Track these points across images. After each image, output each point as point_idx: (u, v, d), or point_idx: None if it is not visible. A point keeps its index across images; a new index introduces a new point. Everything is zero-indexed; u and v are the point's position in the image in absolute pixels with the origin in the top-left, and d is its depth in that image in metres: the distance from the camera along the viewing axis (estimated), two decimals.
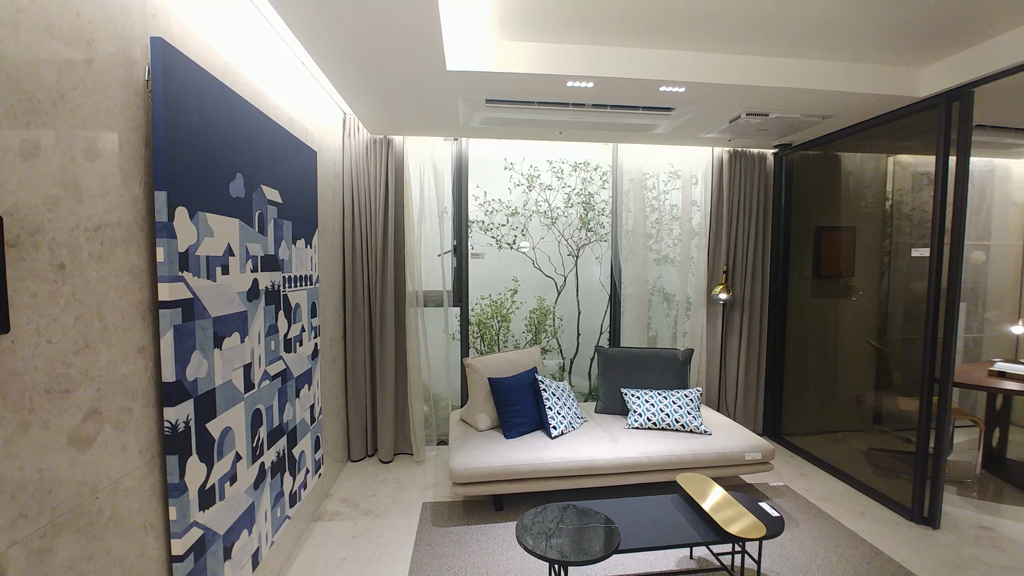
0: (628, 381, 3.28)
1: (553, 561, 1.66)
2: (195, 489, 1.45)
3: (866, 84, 2.56)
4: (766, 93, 2.57)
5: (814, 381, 3.87)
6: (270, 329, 2.01)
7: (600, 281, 4.20)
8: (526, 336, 4.20)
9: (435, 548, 2.34)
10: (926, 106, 2.64)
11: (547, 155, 3.92)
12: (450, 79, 2.34)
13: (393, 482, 3.06)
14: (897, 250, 3.90)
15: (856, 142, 3.38)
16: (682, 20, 2.11)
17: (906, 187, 3.91)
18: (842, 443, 3.65)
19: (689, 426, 2.91)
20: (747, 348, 3.80)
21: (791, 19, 2.09)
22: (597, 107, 2.77)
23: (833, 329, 3.86)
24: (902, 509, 2.68)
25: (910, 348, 3.72)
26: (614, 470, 2.64)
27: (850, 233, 3.81)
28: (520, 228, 3.98)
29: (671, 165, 3.91)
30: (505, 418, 2.87)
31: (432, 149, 3.50)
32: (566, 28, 2.18)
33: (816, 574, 2.14)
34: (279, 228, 2.11)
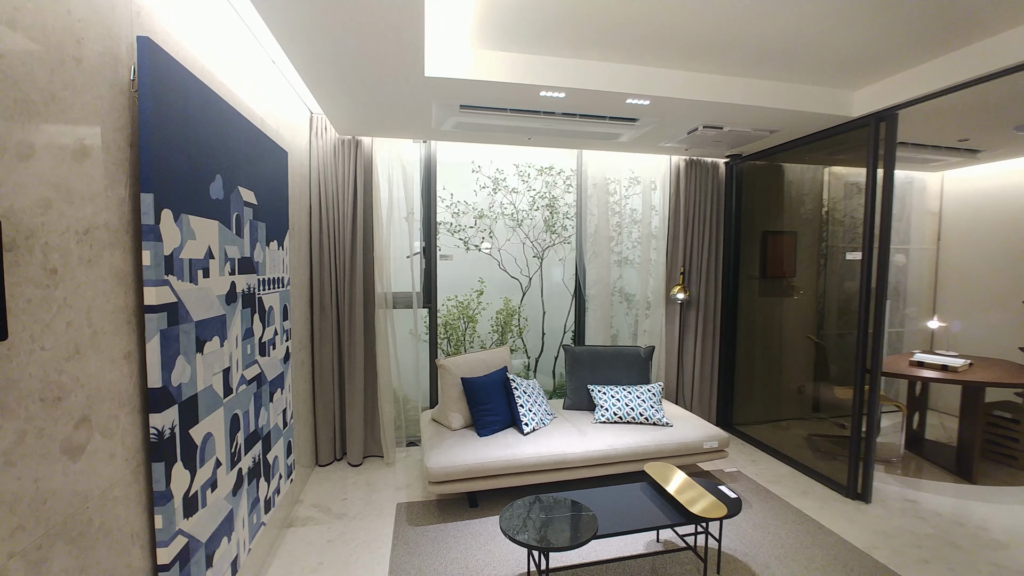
0: (594, 378, 3.42)
1: (537, 548, 1.74)
2: (180, 497, 1.42)
3: (808, 103, 2.82)
4: (721, 108, 2.77)
5: (761, 374, 4.18)
6: (246, 333, 1.98)
7: (563, 282, 4.33)
8: (492, 337, 4.27)
9: (413, 547, 2.37)
10: (858, 124, 2.94)
11: (514, 159, 4.01)
12: (427, 85, 2.38)
13: (365, 485, 3.05)
14: (831, 253, 4.29)
15: (798, 154, 3.69)
16: (649, 39, 2.25)
17: (839, 196, 4.30)
18: (786, 430, 3.97)
19: (652, 419, 3.09)
20: (702, 345, 4.05)
21: (745, 43, 2.28)
22: (567, 115, 2.89)
23: (778, 326, 4.19)
24: (839, 487, 2.97)
25: (843, 342, 4.10)
26: (584, 463, 2.76)
27: (792, 237, 4.15)
28: (487, 230, 4.05)
29: (632, 171, 4.10)
30: (478, 416, 2.93)
31: (401, 151, 3.50)
32: (542, 41, 2.27)
33: (769, 549, 2.34)
34: (254, 230, 2.08)
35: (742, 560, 2.26)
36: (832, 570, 2.18)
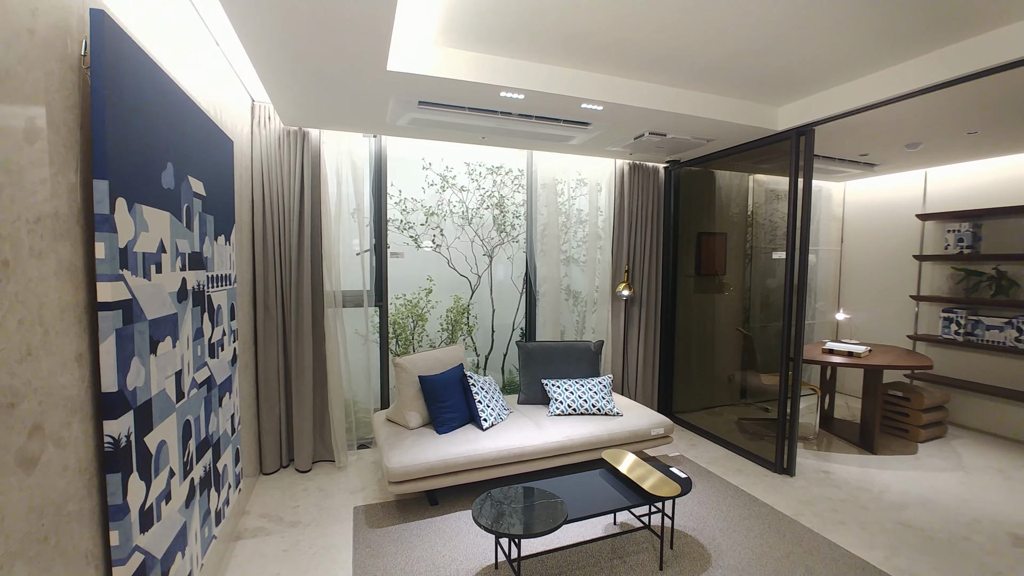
0: (547, 372, 3.52)
1: (513, 536, 1.78)
2: (136, 510, 1.32)
3: (740, 116, 3.09)
4: (667, 117, 2.96)
5: (697, 364, 4.51)
6: (196, 333, 1.85)
7: (512, 280, 4.40)
8: (441, 335, 4.24)
9: (376, 549, 2.33)
10: (781, 137, 3.26)
11: (465, 157, 4.02)
12: (388, 79, 2.34)
13: (316, 490, 2.93)
14: (755, 252, 4.71)
15: (729, 162, 4.02)
16: (606, 49, 2.37)
17: (761, 201, 4.74)
18: (719, 416, 4.31)
19: (604, 410, 3.24)
20: (645, 338, 4.29)
21: (688, 59, 2.46)
22: (523, 116, 2.95)
23: (711, 319, 4.53)
24: (768, 464, 3.28)
25: (766, 333, 4.52)
26: (543, 454, 2.84)
27: (722, 238, 4.51)
28: (438, 228, 4.03)
29: (579, 173, 4.25)
30: (437, 414, 2.92)
31: (351, 144, 3.40)
32: (505, 43, 2.31)
33: (713, 523, 2.55)
34: (204, 223, 1.95)
35: (691, 535, 2.44)
36: (768, 537, 2.42)
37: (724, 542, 2.38)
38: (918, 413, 3.71)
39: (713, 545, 2.36)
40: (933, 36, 2.21)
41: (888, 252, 4.75)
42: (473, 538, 2.43)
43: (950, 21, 2.07)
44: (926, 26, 2.11)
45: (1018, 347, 3.74)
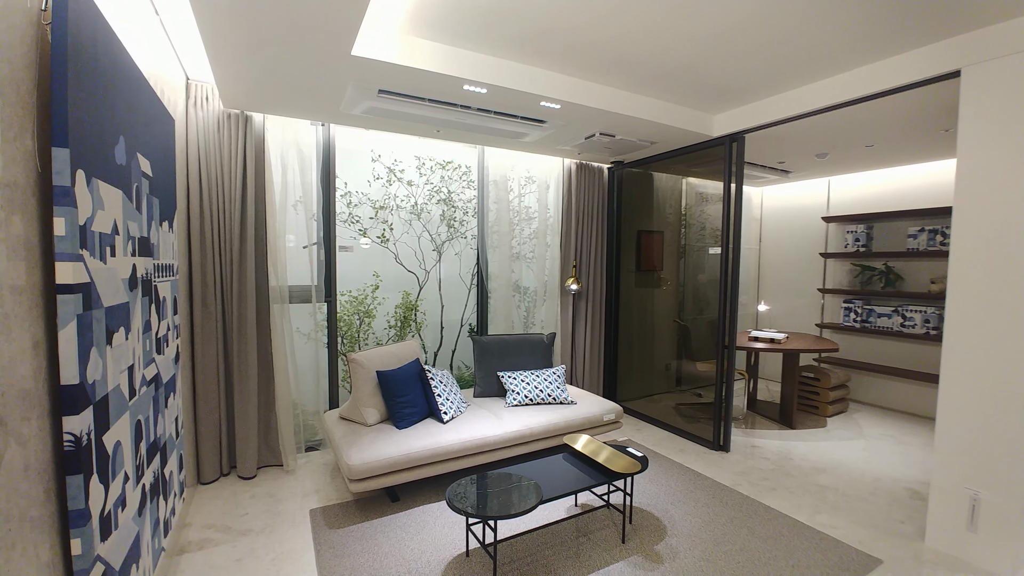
0: (503, 365, 3.57)
1: (492, 517, 1.81)
2: (97, 516, 1.20)
3: (682, 121, 3.33)
4: (618, 118, 3.13)
5: (638, 355, 4.77)
6: (146, 325, 1.70)
7: (460, 276, 4.39)
8: (389, 333, 4.15)
9: (339, 549, 2.25)
10: (716, 143, 3.55)
11: (416, 151, 3.96)
12: (351, 63, 2.27)
13: (265, 496, 2.77)
14: (688, 250, 5.07)
15: (667, 165, 4.31)
16: (568, 50, 2.46)
17: (693, 202, 5.11)
18: (659, 402, 4.59)
19: (559, 399, 3.35)
20: (591, 331, 4.47)
21: (642, 65, 2.63)
22: (482, 111, 2.98)
23: (650, 312, 4.82)
24: (707, 442, 3.57)
25: (698, 323, 4.88)
26: (504, 443, 2.89)
27: (660, 236, 4.81)
28: (388, 223, 3.94)
29: (528, 171, 4.34)
30: (396, 409, 2.87)
31: (297, 132, 3.24)
32: (471, 36, 2.33)
33: (663, 496, 2.74)
34: (151, 206, 1.79)
35: (647, 510, 2.61)
36: (713, 505, 2.64)
37: (676, 513, 2.57)
38: (827, 392, 4.20)
39: (667, 517, 2.53)
40: (843, 59, 2.53)
41: (799, 250, 5.33)
42: (441, 529, 2.43)
43: (856, 48, 2.39)
44: (839, 50, 2.42)
45: (903, 331, 4.35)
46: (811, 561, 2.17)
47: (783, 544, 2.30)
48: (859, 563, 2.16)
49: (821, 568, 2.12)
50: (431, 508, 2.64)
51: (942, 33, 2.24)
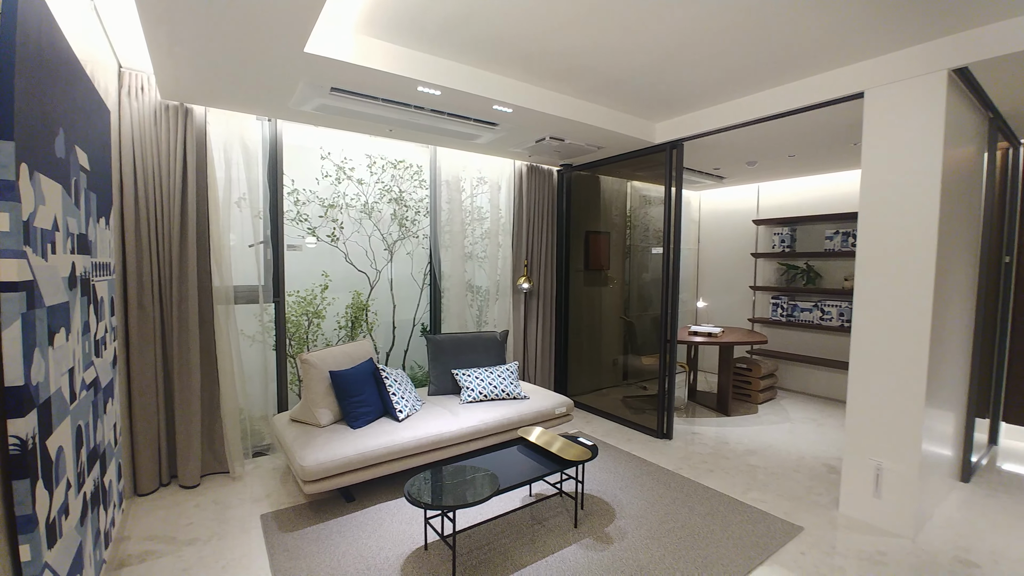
0: (457, 363, 3.62)
1: (452, 507, 1.87)
2: (43, 523, 1.15)
3: (627, 128, 3.52)
4: (568, 124, 3.27)
5: (587, 351, 4.96)
6: (84, 327, 1.62)
7: (412, 275, 4.38)
8: (339, 334, 4.09)
9: (295, 551, 2.22)
10: (658, 149, 3.78)
11: (366, 149, 3.93)
12: (303, 61, 2.25)
13: (211, 504, 2.67)
14: (633, 250, 5.33)
15: (613, 168, 4.51)
16: (520, 58, 2.56)
17: (636, 205, 5.37)
18: (607, 396, 4.80)
19: (512, 394, 3.44)
20: (543, 328, 4.61)
21: (591, 74, 2.77)
22: (435, 112, 3.02)
23: (598, 310, 5.02)
24: (652, 432, 3.79)
25: (643, 320, 5.14)
26: (460, 439, 2.94)
27: (606, 237, 5.03)
28: (338, 222, 3.88)
29: (480, 171, 4.41)
30: (350, 409, 2.85)
31: (242, 127, 3.13)
32: (427, 40, 2.37)
33: (614, 483, 2.90)
34: (89, 202, 1.71)
35: (597, 496, 2.75)
36: (657, 488, 2.83)
37: (624, 497, 2.73)
38: (757, 381, 4.56)
39: (616, 501, 2.69)
40: (770, 77, 2.79)
41: (732, 251, 5.73)
42: (399, 525, 2.45)
43: (781, 67, 2.64)
44: (767, 68, 2.67)
45: (822, 324, 4.81)
46: (743, 532, 2.39)
47: (719, 519, 2.51)
48: (784, 531, 2.40)
49: (751, 538, 2.34)
50: (388, 506, 2.65)
51: (850, 59, 2.53)
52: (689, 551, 2.23)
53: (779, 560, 2.19)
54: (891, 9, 2.06)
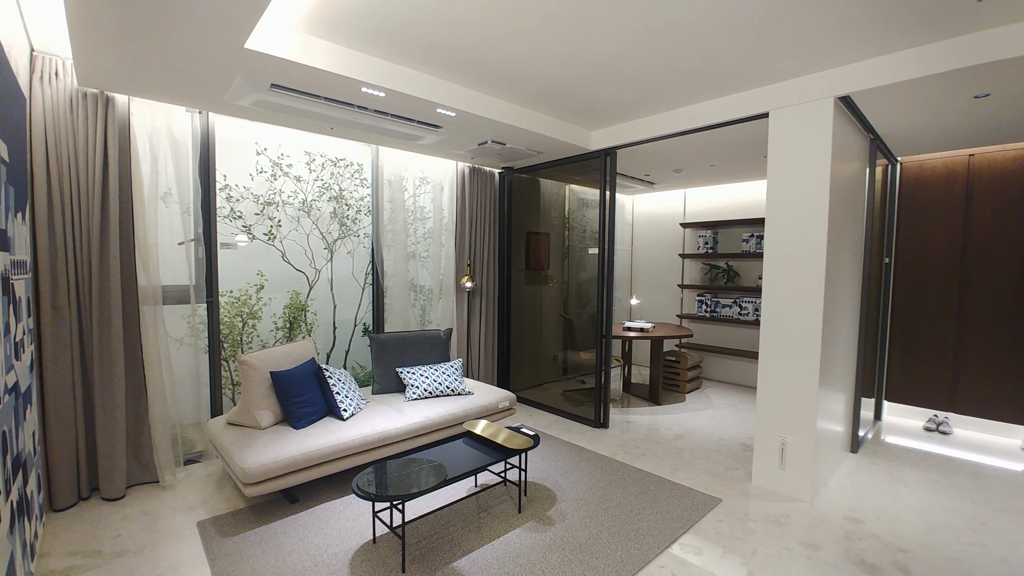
0: (402, 361, 3.65)
1: (400, 497, 1.94)
2: None
3: (564, 134, 3.72)
4: (509, 129, 3.40)
5: (529, 347, 5.13)
6: (5, 328, 1.53)
7: (353, 274, 4.34)
8: (276, 335, 3.98)
9: (237, 555, 2.19)
10: (593, 156, 4.02)
11: (305, 146, 3.85)
12: (242, 56, 2.21)
13: (141, 515, 2.54)
14: (571, 250, 5.58)
15: (552, 172, 4.72)
16: (464, 64, 2.66)
17: (574, 207, 5.62)
18: (548, 390, 4.99)
19: (457, 390, 3.53)
20: (486, 326, 4.72)
21: (531, 83, 2.92)
22: (379, 113, 3.05)
23: (539, 308, 5.21)
24: (590, 422, 4.01)
25: (580, 317, 5.39)
26: (406, 435, 2.99)
27: (546, 237, 5.23)
28: (276, 219, 3.78)
29: (423, 172, 4.45)
30: (293, 409, 2.81)
31: (170, 118, 3.00)
32: (372, 41, 2.41)
33: (555, 470, 3.07)
34: (7, 195, 1.61)
35: (539, 483, 2.90)
36: (595, 473, 3.03)
37: (564, 482, 2.90)
38: (685, 372, 4.94)
39: (557, 487, 2.85)
40: (694, 93, 3.07)
41: (662, 251, 6.14)
42: (346, 522, 2.46)
43: (703, 85, 2.93)
44: (691, 85, 2.95)
45: (740, 319, 5.29)
46: (671, 506, 2.63)
47: (650, 496, 2.74)
48: (705, 503, 2.67)
49: (678, 511, 2.59)
50: (334, 505, 2.66)
51: (759, 83, 2.86)
52: (623, 526, 2.43)
53: (700, 528, 2.44)
54: (790, 41, 2.36)
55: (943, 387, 3.91)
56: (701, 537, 2.36)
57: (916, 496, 2.81)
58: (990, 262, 3.70)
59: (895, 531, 2.44)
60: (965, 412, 3.82)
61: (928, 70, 2.36)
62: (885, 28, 2.22)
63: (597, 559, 2.16)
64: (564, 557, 2.17)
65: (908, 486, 2.94)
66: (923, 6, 2.03)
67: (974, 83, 2.45)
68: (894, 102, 2.75)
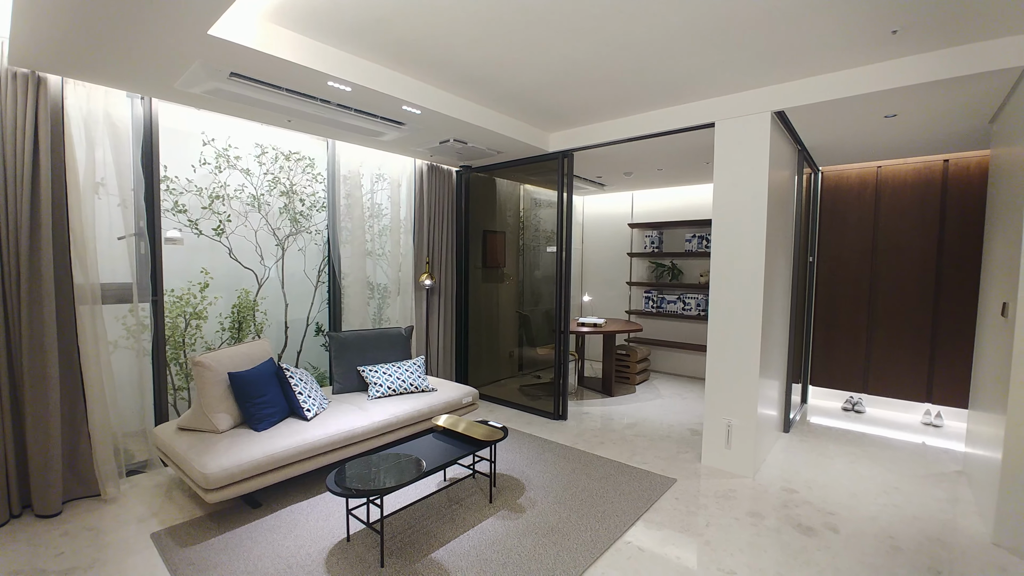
0: (363, 359, 3.61)
1: (382, 491, 1.95)
2: None
3: (525, 136, 3.82)
4: (472, 128, 3.45)
5: (487, 344, 5.20)
6: None
7: (306, 272, 4.21)
8: (222, 336, 3.79)
9: (201, 564, 2.09)
10: (551, 157, 4.15)
11: (256, 138, 3.69)
12: (204, 42, 2.12)
13: (84, 531, 2.36)
14: (526, 249, 5.71)
15: (509, 172, 4.81)
16: (433, 63, 2.68)
17: (529, 207, 5.76)
18: (505, 386, 5.09)
19: (420, 387, 3.53)
20: (444, 323, 4.74)
21: (496, 85, 2.99)
22: (342, 107, 3.00)
23: (495, 305, 5.29)
24: (549, 414, 4.15)
25: (535, 313, 5.53)
26: (373, 433, 2.97)
27: (502, 236, 5.32)
28: (225, 214, 3.60)
29: (379, 168, 4.39)
30: (254, 411, 2.72)
31: (108, 103, 2.78)
32: (341, 36, 2.38)
33: (521, 461, 3.16)
34: None
35: (507, 473, 2.99)
36: (559, 462, 3.16)
37: (531, 472, 3.01)
38: (634, 365, 5.22)
39: (524, 476, 2.95)
40: (643, 103, 3.28)
41: (611, 250, 6.42)
42: (316, 523, 2.42)
43: (652, 95, 3.13)
44: (641, 95, 3.14)
45: (684, 314, 5.65)
46: (631, 488, 2.81)
47: (612, 481, 2.91)
48: (662, 483, 2.88)
49: (638, 491, 2.77)
50: (300, 507, 2.60)
51: (706, 95, 3.10)
52: (590, 509, 2.57)
53: (659, 507, 2.63)
54: (736, 59, 2.59)
55: (857, 371, 4.41)
56: (661, 514, 2.55)
57: (839, 467, 3.17)
58: (894, 260, 4.22)
59: (824, 497, 2.76)
60: (876, 393, 4.34)
61: (850, 92, 2.68)
62: (815, 53, 2.50)
63: (569, 540, 2.28)
64: (538, 540, 2.27)
65: (832, 459, 3.31)
66: (846, 35, 2.31)
67: (886, 104, 2.81)
68: (820, 118, 3.09)
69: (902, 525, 2.48)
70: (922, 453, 3.44)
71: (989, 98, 2.70)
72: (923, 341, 4.10)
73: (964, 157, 3.91)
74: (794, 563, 2.15)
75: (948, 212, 3.99)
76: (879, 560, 2.18)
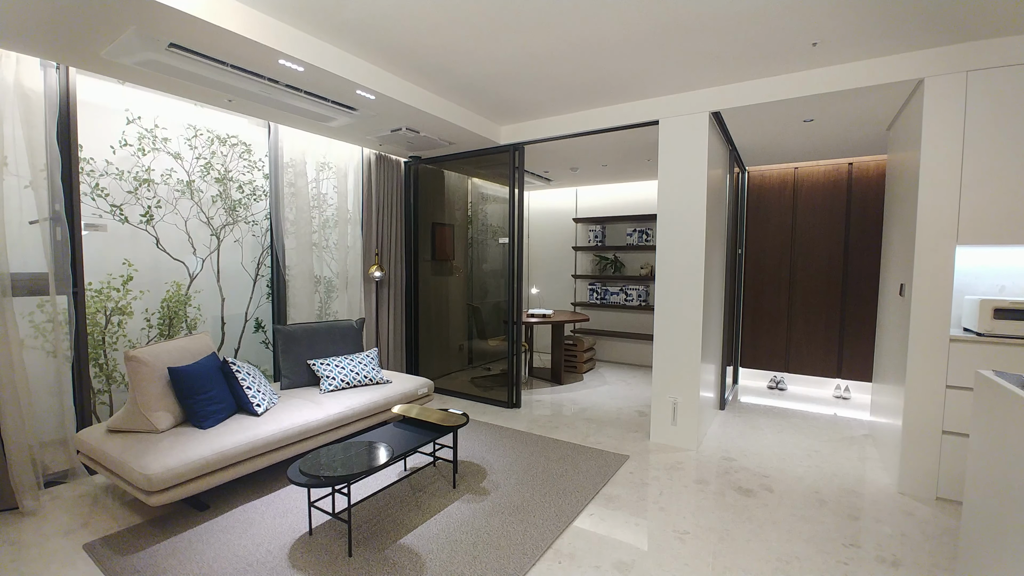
0: (312, 353, 3.47)
1: (347, 478, 1.92)
2: None
3: (477, 127, 3.85)
4: (425, 117, 3.43)
5: (437, 337, 5.17)
6: None
7: (243, 265, 3.97)
8: (149, 333, 3.50)
9: (147, 570, 1.94)
10: (503, 150, 4.21)
11: (189, 119, 3.43)
12: (143, 7, 1.96)
13: (4, 544, 2.10)
14: (475, 242, 5.73)
15: (459, 165, 4.81)
16: (391, 48, 2.64)
17: (476, 200, 5.79)
18: (457, 378, 5.09)
19: (375, 379, 3.47)
20: (395, 316, 4.66)
21: (452, 74, 3.00)
22: (291, 88, 2.88)
23: (445, 297, 5.28)
24: (503, 403, 4.21)
25: (485, 305, 5.58)
26: (329, 427, 2.88)
27: (451, 228, 5.31)
28: (155, 200, 3.32)
29: (324, 156, 4.22)
30: (198, 408, 2.54)
31: (19, 72, 2.50)
32: (296, 12, 2.28)
33: (480, 448, 3.20)
34: None
35: (469, 460, 3.02)
36: (517, 447, 3.24)
37: (491, 458, 3.06)
38: (581, 354, 5.41)
39: (485, 462, 2.99)
40: (592, 99, 3.42)
41: (557, 244, 6.60)
42: (272, 520, 2.32)
43: (600, 92, 3.28)
44: (590, 91, 3.28)
45: (626, 305, 5.93)
46: (589, 467, 2.94)
47: (570, 461, 3.02)
48: (617, 460, 3.03)
49: (595, 469, 2.90)
50: (253, 506, 2.47)
51: (651, 94, 3.29)
52: (551, 487, 2.66)
53: (616, 480, 2.78)
54: (679, 61, 2.78)
55: (780, 353, 4.87)
56: (618, 487, 2.70)
57: (768, 437, 3.51)
58: (809, 251, 4.70)
59: (758, 463, 3.04)
60: (796, 372, 4.81)
61: (777, 96, 2.97)
62: (749, 59, 2.74)
63: (535, 516, 2.35)
64: (505, 519, 2.32)
65: (762, 431, 3.64)
66: (775, 44, 2.56)
67: (805, 109, 3.14)
68: (750, 120, 3.39)
69: (824, 482, 2.80)
70: (835, 422, 3.87)
71: (887, 107, 3.09)
72: (833, 323, 4.61)
73: (865, 160, 4.44)
74: (738, 519, 2.37)
75: (852, 208, 4.51)
76: (808, 512, 2.45)
